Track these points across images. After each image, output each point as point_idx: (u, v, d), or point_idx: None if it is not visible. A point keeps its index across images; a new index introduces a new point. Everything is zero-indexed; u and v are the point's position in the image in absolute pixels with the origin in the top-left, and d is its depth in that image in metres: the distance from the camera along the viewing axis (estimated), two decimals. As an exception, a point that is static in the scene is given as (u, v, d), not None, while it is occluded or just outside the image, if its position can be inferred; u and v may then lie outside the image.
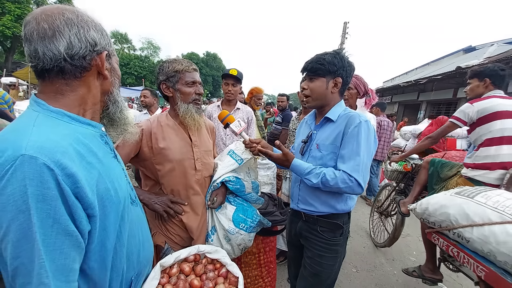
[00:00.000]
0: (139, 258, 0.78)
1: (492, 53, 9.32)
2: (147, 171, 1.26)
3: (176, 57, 1.27)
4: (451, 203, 1.44)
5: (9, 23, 15.08)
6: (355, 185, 1.10)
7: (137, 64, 30.39)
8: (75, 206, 0.51)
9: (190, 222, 1.25)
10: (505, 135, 1.86)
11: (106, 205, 0.61)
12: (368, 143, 1.15)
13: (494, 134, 1.89)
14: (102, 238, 0.61)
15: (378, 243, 3.02)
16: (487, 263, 1.24)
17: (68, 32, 0.58)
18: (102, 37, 0.66)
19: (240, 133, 1.30)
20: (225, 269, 1.03)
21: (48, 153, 0.49)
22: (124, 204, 0.70)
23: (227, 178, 1.30)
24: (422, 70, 15.94)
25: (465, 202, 1.38)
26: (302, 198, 1.33)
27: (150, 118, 1.28)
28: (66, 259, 0.51)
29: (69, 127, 0.60)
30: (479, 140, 1.97)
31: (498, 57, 7.67)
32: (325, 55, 1.21)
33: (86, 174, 0.56)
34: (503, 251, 1.15)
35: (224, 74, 2.28)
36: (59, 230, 0.49)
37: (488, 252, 1.22)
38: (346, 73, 1.21)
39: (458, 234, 1.37)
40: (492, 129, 1.89)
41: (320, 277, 1.28)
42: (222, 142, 2.28)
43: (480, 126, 1.95)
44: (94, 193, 0.57)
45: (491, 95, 1.96)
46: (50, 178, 0.48)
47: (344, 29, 16.79)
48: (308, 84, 1.26)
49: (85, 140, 0.61)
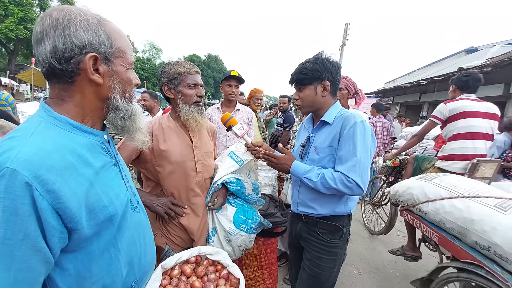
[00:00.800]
0: (141, 263, 0.78)
1: (494, 54, 9.29)
2: (148, 173, 1.26)
3: (179, 60, 1.29)
4: (414, 185, 1.83)
5: (12, 26, 15.22)
6: (354, 186, 1.10)
7: (139, 66, 30.64)
8: (48, 224, 0.51)
9: (190, 224, 1.26)
10: (468, 131, 2.25)
11: (99, 215, 0.61)
12: (365, 142, 1.14)
13: (460, 130, 2.28)
14: (89, 245, 0.61)
15: (374, 232, 3.29)
16: (439, 230, 1.61)
17: (53, 34, 0.56)
18: (96, 37, 0.60)
19: (243, 136, 1.30)
20: (226, 270, 1.03)
21: (32, 167, 0.50)
22: (123, 213, 0.69)
23: (228, 179, 1.30)
24: (424, 71, 15.90)
25: (424, 184, 1.78)
26: (301, 201, 1.33)
27: (151, 120, 1.29)
28: (32, 273, 0.51)
29: (67, 136, 0.60)
30: (449, 135, 2.37)
31: (500, 57, 7.64)
32: (306, 63, 1.24)
33: (75, 187, 0.56)
34: (449, 219, 1.50)
35: (227, 76, 2.30)
36: (28, 245, 0.50)
37: (439, 221, 1.58)
38: (332, 74, 1.22)
39: (419, 209, 1.74)
40: (459, 126, 2.28)
41: (319, 279, 1.27)
42: (222, 145, 2.29)
43: (450, 123, 2.34)
44: (82, 206, 0.57)
45: (462, 97, 2.36)
46: (26, 194, 0.49)
47: (345, 30, 16.79)
48: (298, 94, 1.29)
49: (81, 151, 0.61)
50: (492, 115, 2.29)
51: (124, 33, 0.70)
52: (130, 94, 0.71)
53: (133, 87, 0.72)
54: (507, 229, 1.24)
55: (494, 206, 1.36)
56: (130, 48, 0.70)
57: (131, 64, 0.70)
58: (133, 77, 0.72)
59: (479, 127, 2.26)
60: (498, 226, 1.27)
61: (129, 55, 0.69)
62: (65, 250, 0.58)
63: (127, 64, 0.69)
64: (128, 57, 0.69)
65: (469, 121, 2.25)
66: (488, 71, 7.51)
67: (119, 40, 0.66)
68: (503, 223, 1.27)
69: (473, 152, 2.25)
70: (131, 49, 0.71)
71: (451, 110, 2.31)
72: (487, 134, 2.27)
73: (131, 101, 0.72)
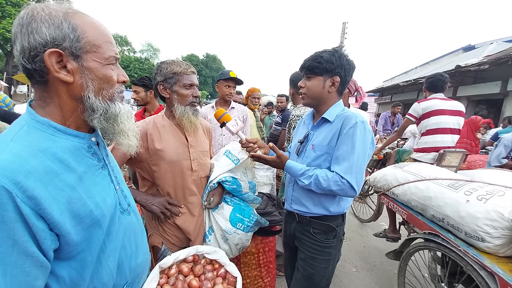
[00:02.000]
0: (132, 267, 0.76)
1: (492, 52, 9.32)
2: (144, 172, 1.25)
3: (175, 59, 1.26)
4: (389, 172, 2.13)
5: (9, 26, 15.14)
6: (348, 187, 1.08)
7: (137, 66, 30.57)
8: (36, 227, 0.51)
9: (186, 223, 1.25)
10: (438, 127, 2.59)
11: (85, 220, 0.60)
12: (364, 144, 1.12)
13: (431, 126, 2.61)
14: (80, 252, 0.60)
15: (364, 220, 3.54)
16: (407, 208, 1.90)
17: (20, 33, 0.55)
18: (59, 31, 0.55)
19: (237, 133, 1.28)
20: (223, 269, 1.04)
21: (10, 174, 0.49)
22: (111, 217, 0.68)
23: (224, 178, 1.29)
24: (421, 69, 15.94)
25: (396, 171, 2.08)
26: (295, 198, 1.31)
27: (146, 119, 1.28)
28: (28, 277, 0.51)
29: (49, 140, 0.58)
30: (422, 130, 2.69)
31: (497, 55, 7.66)
32: (323, 53, 1.18)
33: (56, 193, 0.55)
34: (414, 199, 1.79)
35: (226, 77, 2.28)
36: (19, 251, 0.49)
37: (407, 201, 1.88)
38: (345, 72, 1.17)
39: (393, 192, 2.03)
40: (430, 123, 2.61)
41: (313, 279, 1.26)
42: (218, 144, 2.29)
43: (423, 120, 2.65)
44: (64, 212, 0.56)
45: (432, 97, 2.68)
46: (8, 200, 0.48)
47: (343, 29, 16.82)
48: (305, 83, 1.23)
49: (63, 156, 0.59)
50: (458, 112, 2.62)
51: (101, 26, 0.64)
52: (110, 92, 0.65)
53: (114, 84, 0.66)
54: (456, 203, 1.48)
55: (447, 186, 1.62)
56: (107, 41, 0.63)
57: (108, 59, 0.63)
58: (114, 74, 0.65)
59: (447, 123, 2.58)
60: (449, 201, 1.52)
61: (105, 49, 0.62)
62: (58, 258, 0.57)
63: (102, 59, 0.62)
64: (104, 52, 0.62)
65: (439, 118, 2.58)
66: (485, 68, 7.55)
67: (91, 33, 0.60)
68: (453, 198, 1.51)
69: (441, 145, 2.57)
70: (109, 43, 0.64)
71: (424, 108, 2.63)
72: (454, 129, 2.61)
73: (113, 101, 0.66)
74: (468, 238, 1.39)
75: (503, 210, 1.29)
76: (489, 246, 1.31)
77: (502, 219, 1.28)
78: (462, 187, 1.55)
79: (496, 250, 1.31)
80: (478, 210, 1.36)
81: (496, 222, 1.29)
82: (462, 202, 1.45)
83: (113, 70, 0.65)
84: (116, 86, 0.67)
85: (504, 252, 1.31)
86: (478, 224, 1.33)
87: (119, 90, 0.68)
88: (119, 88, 0.68)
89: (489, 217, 1.31)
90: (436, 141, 2.61)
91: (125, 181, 0.91)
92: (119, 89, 0.68)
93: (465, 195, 1.47)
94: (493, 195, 1.38)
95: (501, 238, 1.29)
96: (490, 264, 1.26)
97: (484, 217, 1.32)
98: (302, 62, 1.25)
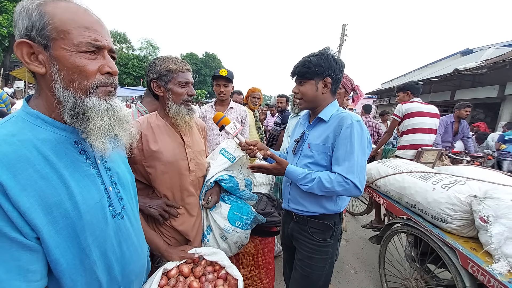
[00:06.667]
0: (124, 272, 0.74)
1: (490, 56, 9.36)
2: (137, 175, 1.16)
3: (169, 55, 1.20)
4: (372, 167, 2.39)
5: (5, 22, 14.97)
6: (352, 187, 1.09)
7: (136, 64, 30.25)
8: (11, 213, 0.50)
9: (185, 225, 1.22)
10: (418, 127, 2.92)
11: (58, 221, 0.57)
12: (362, 143, 1.13)
13: (411, 126, 2.95)
14: (51, 254, 0.56)
15: (356, 213, 3.81)
16: (387, 198, 2.17)
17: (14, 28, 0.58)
18: (28, 21, 0.54)
19: (236, 136, 1.27)
20: (224, 271, 1.02)
21: None
22: (97, 220, 0.64)
23: (221, 177, 1.28)
24: (419, 72, 15.97)
25: (379, 165, 2.35)
26: (292, 197, 1.32)
27: (139, 119, 1.23)
28: (19, 261, 0.51)
29: (33, 130, 0.57)
30: (404, 129, 3.02)
31: (495, 59, 7.71)
32: (311, 57, 1.20)
33: (27, 184, 0.53)
34: (392, 189, 2.06)
35: (214, 75, 2.27)
36: (2, 237, 0.49)
37: (387, 191, 2.14)
38: (335, 72, 1.20)
39: (375, 184, 2.29)
40: (411, 123, 2.94)
41: (310, 279, 1.26)
42: (215, 143, 2.28)
43: (405, 120, 2.99)
44: (34, 205, 0.53)
45: (414, 100, 3.04)
46: None
47: (343, 31, 16.84)
48: (298, 88, 1.26)
49: (42, 148, 0.57)
50: (435, 114, 2.98)
51: (78, 10, 0.58)
52: (84, 85, 0.59)
53: (90, 76, 0.59)
54: (425, 191, 1.74)
55: (419, 177, 1.89)
56: (80, 26, 0.57)
57: (78, 46, 0.56)
58: (89, 64, 0.58)
59: (425, 124, 2.91)
60: (420, 189, 1.79)
61: (76, 34, 0.56)
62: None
63: (71, 45, 0.56)
64: (73, 37, 0.56)
65: (419, 119, 2.92)
66: (483, 73, 7.59)
67: (59, 18, 0.55)
68: (423, 187, 1.78)
69: (420, 143, 2.90)
70: (84, 27, 0.58)
71: (406, 109, 2.96)
72: (431, 129, 2.95)
73: (88, 94, 0.60)
74: (434, 220, 1.65)
75: (461, 195, 1.52)
76: (451, 226, 1.54)
77: (461, 203, 1.50)
78: (431, 178, 1.81)
79: (458, 230, 1.53)
80: (441, 196, 1.60)
81: (456, 205, 1.51)
82: (429, 190, 1.71)
83: (89, 59, 0.59)
84: (93, 78, 0.60)
85: (466, 233, 1.53)
86: (441, 207, 1.57)
87: (102, 82, 0.62)
88: (103, 80, 0.62)
89: (450, 202, 1.54)
90: (415, 139, 2.92)
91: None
92: (103, 81, 0.62)
93: (432, 184, 1.73)
94: (455, 184, 1.62)
95: (461, 220, 1.51)
96: (451, 241, 1.48)
97: (446, 201, 1.56)
98: (292, 69, 1.27)
